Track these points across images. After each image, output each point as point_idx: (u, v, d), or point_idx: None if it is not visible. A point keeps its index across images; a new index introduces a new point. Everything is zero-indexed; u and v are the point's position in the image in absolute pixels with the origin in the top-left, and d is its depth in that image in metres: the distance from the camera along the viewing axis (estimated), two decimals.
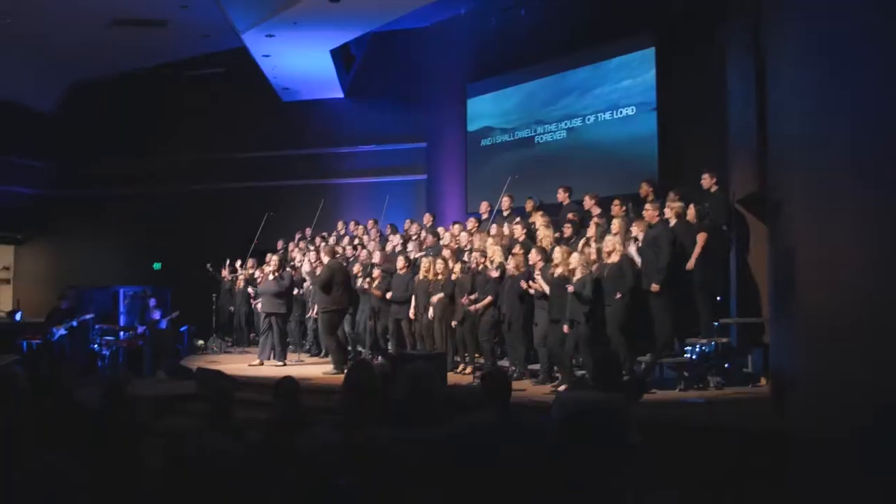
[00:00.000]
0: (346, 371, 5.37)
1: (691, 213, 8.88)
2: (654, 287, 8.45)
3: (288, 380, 4.96)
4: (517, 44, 14.40)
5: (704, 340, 8.53)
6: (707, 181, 9.41)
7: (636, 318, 8.56)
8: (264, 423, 4.93)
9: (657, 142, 12.20)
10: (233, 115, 18.15)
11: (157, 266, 17.88)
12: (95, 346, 13.78)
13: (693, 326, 8.91)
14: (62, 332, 13.88)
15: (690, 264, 8.65)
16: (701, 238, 8.69)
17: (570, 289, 8.46)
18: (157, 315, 13.68)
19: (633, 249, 8.66)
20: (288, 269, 12.59)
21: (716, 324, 8.81)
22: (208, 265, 14.86)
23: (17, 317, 14.74)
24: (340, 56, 16.37)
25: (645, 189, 10.24)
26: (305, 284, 12.63)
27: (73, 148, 18.96)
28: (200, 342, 14.79)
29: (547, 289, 8.85)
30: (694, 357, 8.60)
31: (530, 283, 9.10)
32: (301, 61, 15.29)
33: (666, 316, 8.50)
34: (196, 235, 17.32)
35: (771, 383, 7.98)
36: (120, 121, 18.59)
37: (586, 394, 5.09)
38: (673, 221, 8.93)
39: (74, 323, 13.97)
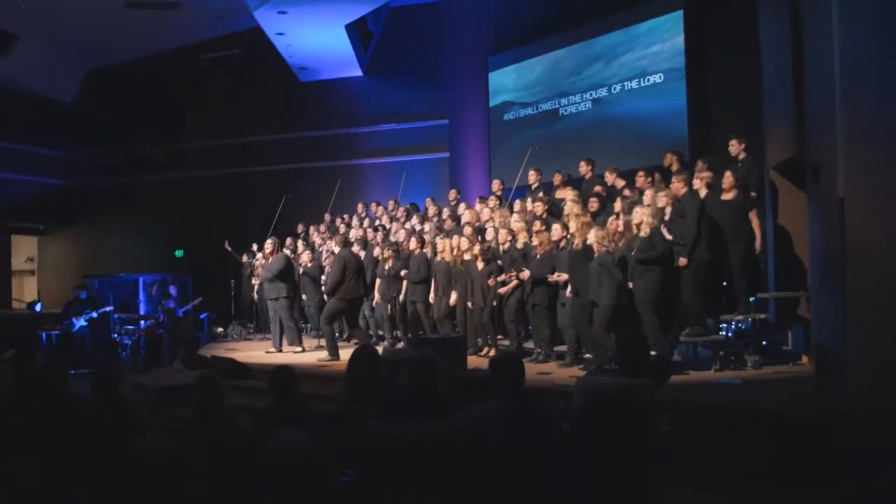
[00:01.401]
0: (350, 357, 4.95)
1: (728, 180, 8.30)
2: (682, 261, 7.92)
3: (284, 369, 4.57)
4: (540, 12, 13.92)
5: (741, 317, 8.01)
6: (735, 147, 8.86)
7: (669, 295, 8.03)
8: (256, 414, 4.55)
9: (686, 110, 11.63)
10: (251, 98, 17.84)
11: (179, 253, 17.67)
12: (116, 335, 13.61)
13: (728, 302, 8.38)
14: (82, 322, 13.72)
15: (758, 244, 8.34)
16: (755, 218, 8.22)
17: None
18: (171, 304, 13.40)
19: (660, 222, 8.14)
20: (288, 251, 12.13)
21: (752, 299, 8.28)
22: (226, 243, 14.57)
23: (38, 308, 14.57)
24: (358, 33, 15.94)
25: (669, 159, 9.70)
26: (327, 269, 12.22)
27: (94, 137, 18.83)
28: (220, 329, 14.50)
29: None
30: (730, 335, 8.09)
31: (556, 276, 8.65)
32: (316, 38, 14.89)
33: (692, 291, 7.97)
34: (217, 221, 17.05)
35: (813, 361, 7.44)
36: (138, 107, 18.41)
37: (609, 379, 4.64)
38: (703, 192, 8.39)
39: (95, 314, 13.79)
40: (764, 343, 8.13)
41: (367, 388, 4.73)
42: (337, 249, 10.39)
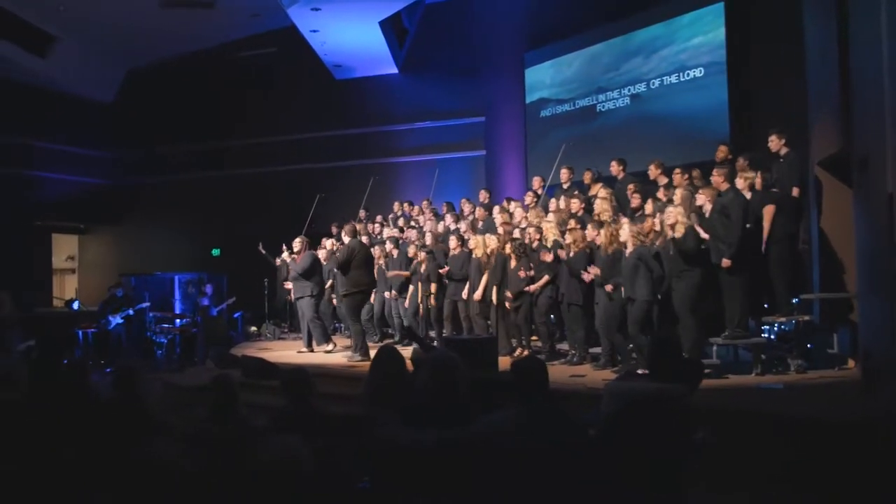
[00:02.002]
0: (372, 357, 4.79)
1: (758, 181, 8.01)
2: (725, 262, 7.63)
3: (297, 371, 4.42)
4: (577, 6, 13.65)
5: (783, 318, 7.70)
6: (775, 143, 8.50)
7: (708, 296, 7.75)
8: (271, 417, 4.40)
9: (727, 105, 11.28)
10: (287, 97, 17.82)
11: (215, 252, 17.71)
12: (151, 334, 13.64)
13: (770, 303, 8.07)
14: (118, 320, 13.77)
15: (766, 225, 7.92)
16: (768, 212, 7.88)
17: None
18: (205, 302, 13.39)
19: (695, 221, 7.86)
20: (322, 251, 12.02)
21: (796, 300, 7.96)
22: (260, 245, 14.50)
23: (75, 306, 14.68)
24: (393, 30, 15.81)
25: (724, 151, 9.36)
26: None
27: (133, 137, 18.97)
28: (253, 328, 14.47)
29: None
30: (772, 337, 7.79)
31: (589, 270, 8.40)
32: (350, 35, 14.79)
33: (737, 293, 7.67)
34: (253, 220, 17.06)
35: (860, 366, 7.11)
36: (176, 107, 18.49)
37: (640, 384, 4.40)
38: (747, 195, 8.08)
39: (131, 311, 13.84)
40: (808, 346, 7.81)
41: (388, 390, 4.56)
42: (347, 239, 10.30)
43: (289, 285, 11.53)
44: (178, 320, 13.93)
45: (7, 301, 11.46)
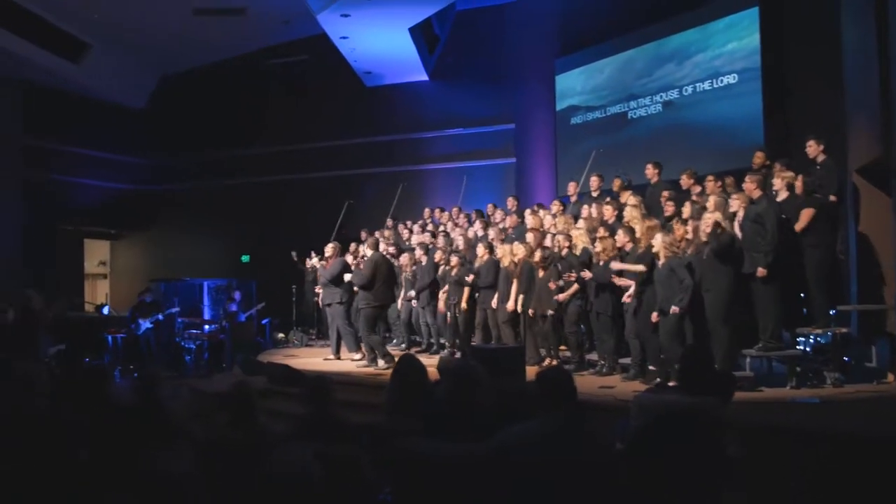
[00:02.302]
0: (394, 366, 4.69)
1: (799, 185, 7.80)
2: (760, 271, 7.43)
3: (319, 379, 4.33)
4: (609, 12, 13.53)
5: (819, 330, 7.49)
6: (813, 149, 8.28)
7: (740, 307, 7.55)
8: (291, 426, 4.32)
9: (762, 112, 11.07)
10: (318, 103, 17.81)
11: (245, 259, 17.75)
12: (179, 339, 13.65)
13: (806, 314, 7.86)
14: (147, 325, 13.81)
15: (799, 226, 7.67)
16: (806, 214, 7.65)
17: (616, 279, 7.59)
18: (233, 308, 13.38)
19: (735, 225, 7.68)
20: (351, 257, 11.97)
21: (833, 311, 7.74)
22: (293, 253, 14.51)
23: (105, 311, 14.75)
24: (423, 37, 15.76)
25: (761, 157, 9.17)
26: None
27: (164, 143, 19.10)
28: (281, 335, 14.44)
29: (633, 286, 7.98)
30: (808, 349, 7.58)
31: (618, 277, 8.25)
32: (380, 42, 14.75)
33: (771, 304, 7.47)
34: (282, 227, 17.10)
35: None
36: (207, 113, 18.57)
37: (670, 397, 4.26)
38: (783, 195, 7.89)
39: (161, 317, 13.87)
40: (845, 359, 7.59)
41: (409, 399, 4.47)
42: (369, 253, 10.25)
43: (320, 289, 11.47)
44: (206, 326, 13.94)
45: (37, 299, 11.50)
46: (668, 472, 4.01)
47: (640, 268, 7.94)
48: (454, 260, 10.70)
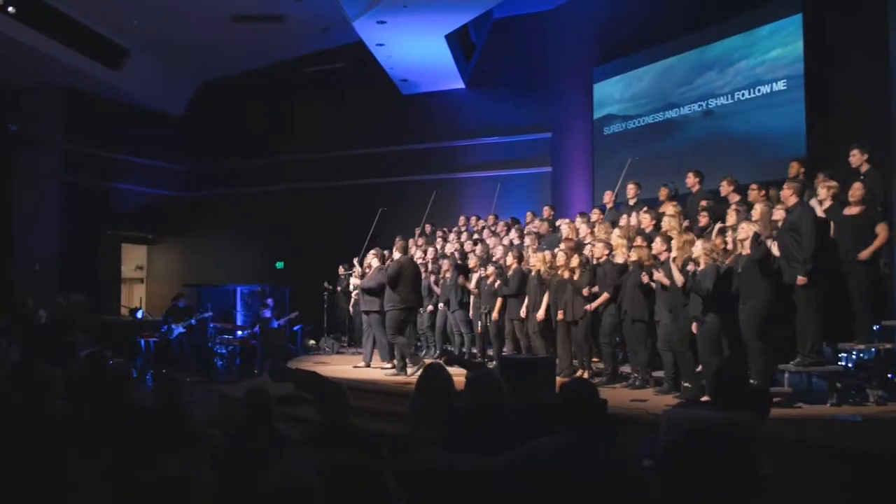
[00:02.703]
0: (420, 373, 4.59)
1: (857, 192, 7.52)
2: (800, 279, 7.16)
3: (332, 386, 4.22)
4: (649, 19, 13.30)
5: (863, 346, 7.21)
6: (857, 158, 8.01)
7: (778, 320, 7.31)
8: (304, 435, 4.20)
9: (805, 120, 10.79)
10: (354, 111, 17.83)
11: (279, 265, 17.77)
12: (211, 344, 13.68)
13: (848, 329, 7.57)
14: (180, 329, 13.87)
15: (865, 254, 7.36)
16: (882, 231, 7.39)
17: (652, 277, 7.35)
18: (267, 314, 13.38)
19: (770, 241, 7.45)
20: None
21: (877, 326, 7.45)
22: (340, 268, 14.31)
23: (139, 314, 14.84)
24: (460, 44, 15.67)
25: (795, 168, 8.91)
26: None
27: (202, 149, 19.26)
28: (312, 342, 14.40)
29: (674, 277, 7.75)
30: (850, 365, 7.30)
31: (653, 273, 8.04)
32: (416, 49, 14.69)
33: (811, 317, 7.20)
34: (318, 233, 17.12)
35: None
36: (246, 120, 18.69)
37: (702, 412, 4.08)
38: (827, 203, 7.63)
39: (193, 321, 13.92)
40: (889, 376, 7.29)
41: (433, 409, 4.35)
42: (397, 255, 10.17)
43: (356, 295, 11.43)
44: (238, 332, 13.96)
45: (84, 304, 11.55)
46: (699, 489, 3.85)
47: (678, 276, 7.76)
48: (490, 269, 10.58)
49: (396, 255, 10.37)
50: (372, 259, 11.00)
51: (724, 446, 3.81)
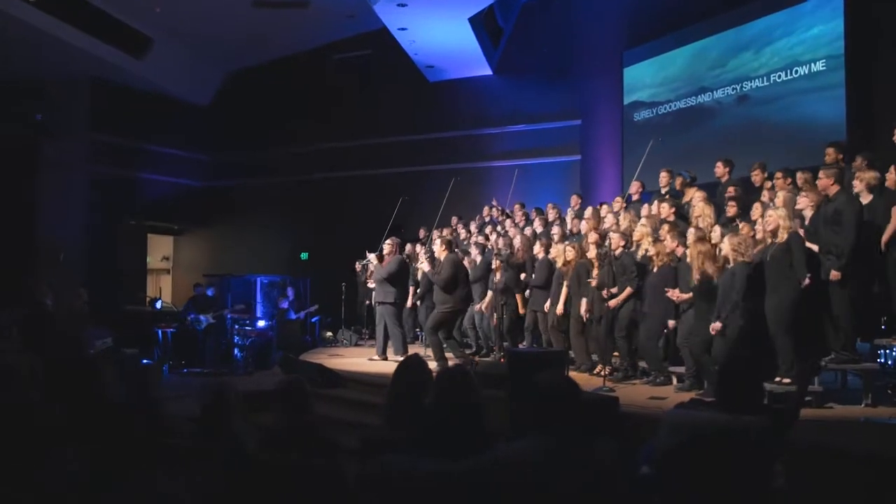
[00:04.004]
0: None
1: (892, 177, 6.94)
2: (835, 274, 6.63)
3: (294, 382, 3.83)
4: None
5: None
6: None
7: (809, 313, 6.77)
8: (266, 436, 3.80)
9: (845, 102, 10.15)
10: (381, 100, 17.45)
11: (304, 256, 17.48)
12: (230, 336, 13.41)
13: (888, 323, 7.01)
14: (210, 320, 13.58)
15: (886, 236, 6.77)
16: None
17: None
18: (285, 305, 13.06)
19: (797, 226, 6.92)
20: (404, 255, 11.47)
21: None
22: (358, 263, 13.95)
23: (158, 305, 14.65)
24: (486, 29, 15.20)
25: (831, 154, 8.30)
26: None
27: (228, 139, 19.02)
28: (329, 334, 14.06)
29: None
30: (889, 363, 6.74)
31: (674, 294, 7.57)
32: (439, 34, 14.25)
33: (846, 311, 6.65)
34: (344, 223, 16.76)
35: None
36: (271, 110, 18.42)
37: (707, 414, 3.60)
38: (866, 198, 7.06)
39: (228, 315, 13.63)
40: None
41: (404, 406, 3.94)
42: (444, 255, 9.63)
43: (372, 284, 10.99)
44: (257, 323, 13.67)
45: (84, 296, 11.37)
46: (701, 501, 3.41)
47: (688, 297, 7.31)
48: (496, 264, 10.16)
49: (443, 254, 9.77)
50: (388, 248, 10.58)
51: (728, 453, 3.35)
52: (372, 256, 10.81)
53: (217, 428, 3.84)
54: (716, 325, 6.78)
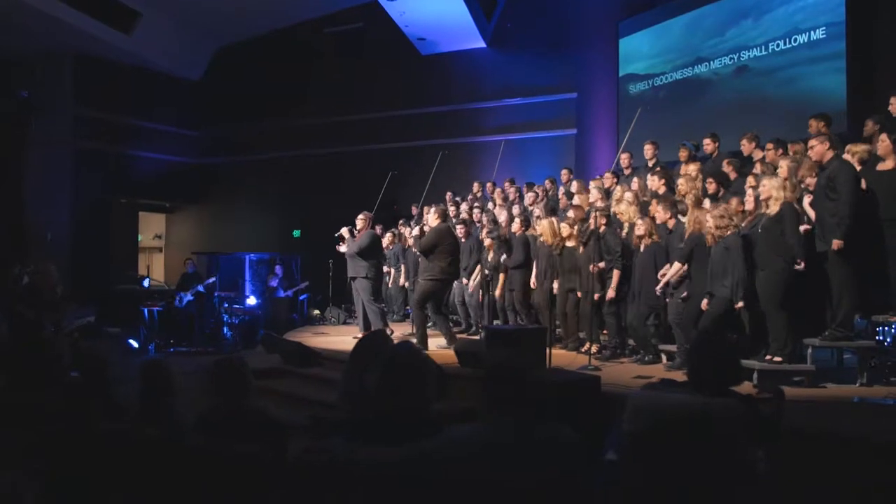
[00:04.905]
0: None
1: (884, 144, 6.60)
2: (836, 243, 6.28)
3: (228, 362, 3.54)
4: None
5: None
6: None
7: (803, 289, 6.46)
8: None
9: (846, 72, 9.79)
10: (373, 73, 17.07)
11: (296, 234, 17.20)
12: (218, 314, 13.19)
13: (884, 298, 6.68)
14: (189, 297, 13.42)
15: None
16: None
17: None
18: (273, 283, 12.81)
19: (806, 202, 6.59)
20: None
21: None
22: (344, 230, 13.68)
23: (145, 283, 14.40)
24: (479, 2, 14.79)
25: (815, 126, 7.94)
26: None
27: (219, 115, 18.71)
28: (316, 312, 13.79)
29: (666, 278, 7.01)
30: (888, 340, 6.44)
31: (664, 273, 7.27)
32: (430, 4, 13.88)
33: (845, 285, 6.32)
34: (337, 199, 16.41)
35: None
36: (263, 85, 18.08)
37: (677, 396, 3.30)
38: (891, 163, 6.70)
39: (201, 288, 13.45)
40: None
41: (359, 388, 3.66)
42: (435, 223, 9.30)
43: (343, 248, 10.67)
44: (245, 301, 13.43)
45: (54, 273, 11.08)
46: (671, 491, 3.13)
47: (678, 267, 7.00)
48: (487, 242, 9.85)
49: (434, 222, 9.38)
50: (360, 223, 10.31)
51: (697, 439, 3.07)
52: (344, 230, 10.43)
53: (154, 409, 3.58)
54: (705, 303, 6.50)
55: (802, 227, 6.49)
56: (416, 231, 10.97)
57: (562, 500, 2.69)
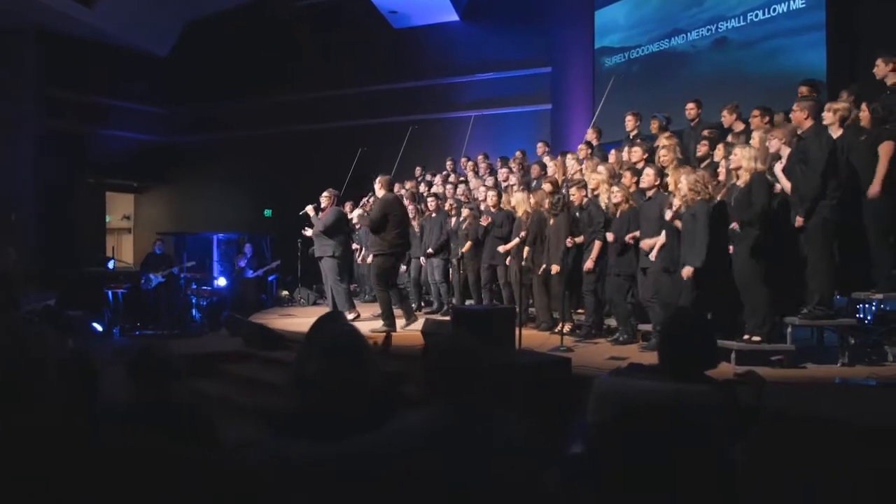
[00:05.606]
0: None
1: (864, 114, 6.35)
2: (799, 220, 6.07)
3: (148, 348, 3.21)
4: None
5: (881, 295, 6.10)
6: (881, 69, 6.66)
7: (780, 261, 6.21)
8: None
9: (825, 41, 9.53)
10: (344, 49, 16.65)
11: (267, 213, 16.80)
12: (186, 295, 12.83)
13: (866, 276, 6.44)
14: (159, 279, 13.04)
15: (874, 189, 6.16)
16: (885, 149, 6.16)
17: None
18: (242, 263, 12.46)
19: (778, 169, 6.33)
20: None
21: None
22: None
23: (110, 265, 13.99)
24: None
25: (806, 91, 7.67)
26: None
27: (188, 92, 18.19)
28: (285, 293, 13.46)
29: (655, 251, 6.74)
30: (868, 319, 6.22)
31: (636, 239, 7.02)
32: None
33: (822, 261, 6.08)
34: (310, 178, 16.00)
35: None
36: (233, 61, 17.58)
37: (644, 382, 3.01)
38: (837, 132, 6.42)
39: (175, 270, 13.07)
40: None
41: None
42: (381, 193, 8.97)
43: (309, 232, 10.34)
44: (214, 282, 13.08)
45: (13, 256, 10.73)
46: (639, 486, 2.87)
47: (660, 240, 6.73)
48: (465, 212, 9.54)
49: (380, 192, 9.02)
50: (325, 201, 10.00)
51: (666, 429, 2.80)
52: (309, 208, 10.08)
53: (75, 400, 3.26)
54: (686, 271, 6.22)
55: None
56: (357, 211, 10.69)
57: (515, 496, 2.43)
